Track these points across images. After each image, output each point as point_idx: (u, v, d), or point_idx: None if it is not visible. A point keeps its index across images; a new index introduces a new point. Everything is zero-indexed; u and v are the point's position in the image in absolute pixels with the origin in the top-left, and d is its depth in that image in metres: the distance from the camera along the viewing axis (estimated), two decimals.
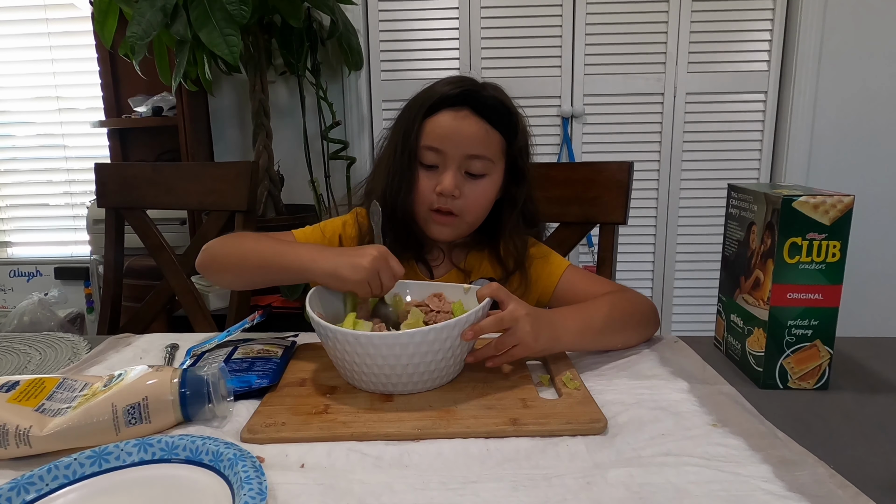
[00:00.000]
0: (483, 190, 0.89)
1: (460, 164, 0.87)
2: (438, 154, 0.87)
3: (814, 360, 0.69)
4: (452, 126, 0.86)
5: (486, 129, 0.87)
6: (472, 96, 0.87)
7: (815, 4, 2.10)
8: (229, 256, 0.86)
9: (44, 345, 0.89)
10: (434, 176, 0.88)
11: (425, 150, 0.88)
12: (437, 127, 0.87)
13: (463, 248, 0.97)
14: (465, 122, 0.86)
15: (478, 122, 0.87)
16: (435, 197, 0.88)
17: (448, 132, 0.86)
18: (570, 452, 0.56)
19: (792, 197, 0.65)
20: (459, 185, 0.87)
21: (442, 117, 0.87)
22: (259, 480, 0.48)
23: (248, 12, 1.59)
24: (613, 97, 2.23)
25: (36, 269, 2.66)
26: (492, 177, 0.90)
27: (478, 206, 0.90)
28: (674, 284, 2.34)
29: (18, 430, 0.55)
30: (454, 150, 0.86)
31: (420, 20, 2.23)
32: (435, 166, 0.88)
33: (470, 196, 0.88)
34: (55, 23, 2.53)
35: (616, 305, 0.82)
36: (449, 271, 0.96)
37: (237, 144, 2.39)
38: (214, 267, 0.87)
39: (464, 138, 0.86)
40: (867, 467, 0.53)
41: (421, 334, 0.63)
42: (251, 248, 0.85)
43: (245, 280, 0.89)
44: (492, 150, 0.88)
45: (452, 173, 0.86)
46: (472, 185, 0.88)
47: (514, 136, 0.91)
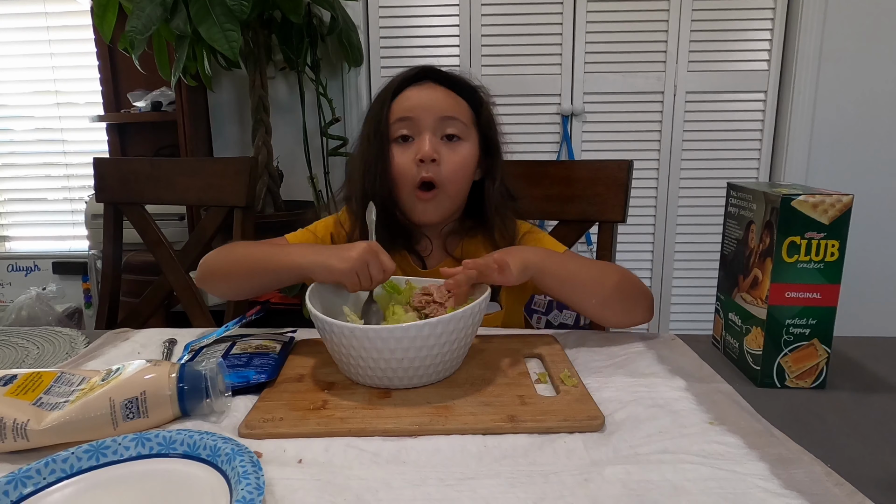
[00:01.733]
0: (462, 156, 0.89)
1: (435, 129, 0.88)
2: (410, 123, 0.88)
3: (811, 359, 0.69)
4: (420, 95, 0.89)
5: (452, 94, 0.90)
6: (432, 71, 0.91)
7: (816, 4, 2.10)
8: (224, 266, 0.88)
9: (42, 339, 0.89)
10: (409, 148, 0.88)
11: (396, 124, 0.88)
12: (404, 100, 0.89)
13: (455, 236, 0.96)
14: (431, 89, 0.89)
15: (443, 89, 0.90)
16: (416, 169, 0.87)
17: (416, 101, 0.88)
18: (567, 449, 0.56)
19: (791, 196, 0.66)
20: (437, 149, 0.87)
21: (408, 91, 0.90)
22: (257, 475, 0.48)
23: (248, 7, 1.59)
24: (613, 95, 2.23)
25: (34, 263, 2.66)
26: (468, 143, 0.90)
27: (458, 173, 0.89)
28: (672, 283, 2.34)
29: (16, 423, 0.55)
30: (425, 114, 0.87)
31: (420, 17, 2.22)
32: (409, 137, 0.89)
33: (449, 161, 0.88)
34: (54, 17, 2.52)
35: (596, 264, 0.83)
36: (442, 261, 0.95)
37: (236, 140, 2.38)
38: (212, 279, 0.89)
39: (433, 102, 0.88)
40: (863, 466, 0.53)
41: (416, 328, 0.63)
42: (244, 255, 0.87)
43: (243, 287, 0.90)
44: (462, 114, 0.90)
45: (429, 136, 0.87)
46: (451, 150, 0.88)
47: (479, 104, 0.92)
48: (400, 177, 0.89)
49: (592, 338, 0.85)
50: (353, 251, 0.74)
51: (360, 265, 0.74)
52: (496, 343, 0.80)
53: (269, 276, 0.84)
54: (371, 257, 0.74)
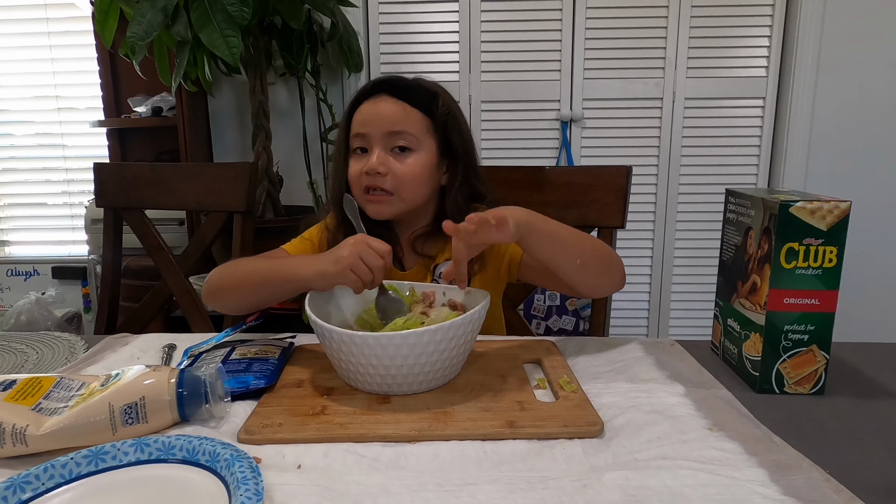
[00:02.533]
0: (411, 165, 0.92)
1: (384, 143, 0.91)
2: (364, 138, 0.92)
3: (810, 364, 0.69)
4: (370, 110, 0.92)
5: (402, 106, 0.92)
6: (387, 82, 0.94)
7: (814, 11, 2.11)
8: (230, 282, 0.89)
9: (41, 344, 0.89)
10: (362, 159, 0.93)
11: (353, 138, 0.94)
12: (359, 114, 0.93)
13: (429, 239, 0.97)
14: (381, 103, 0.92)
15: (394, 102, 0.92)
16: (364, 178, 0.91)
17: (368, 116, 0.92)
18: (566, 455, 0.56)
19: (789, 202, 0.66)
20: (384, 162, 0.91)
21: (363, 106, 0.93)
22: (256, 481, 0.48)
23: (248, 13, 1.60)
24: (612, 101, 2.23)
25: (33, 268, 2.66)
26: (419, 153, 0.92)
27: (409, 180, 0.92)
28: (671, 288, 2.35)
29: (15, 428, 0.55)
30: (375, 130, 0.91)
31: (420, 23, 2.23)
32: (364, 150, 0.93)
33: (398, 172, 0.91)
34: (55, 22, 2.53)
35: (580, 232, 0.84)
36: (417, 262, 0.97)
37: (236, 145, 2.39)
38: (219, 295, 0.90)
39: (382, 118, 0.91)
40: (862, 472, 0.53)
41: (415, 335, 0.63)
42: (248, 270, 0.88)
43: (249, 301, 0.90)
44: (413, 126, 0.92)
45: (377, 152, 0.91)
46: (399, 161, 0.91)
47: (433, 111, 0.94)
48: (353, 184, 0.94)
49: (592, 343, 0.85)
50: (343, 250, 0.75)
51: (353, 261, 0.74)
52: (495, 349, 0.80)
53: (275, 288, 0.85)
54: (361, 248, 0.75)
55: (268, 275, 0.85)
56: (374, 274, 0.75)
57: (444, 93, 0.96)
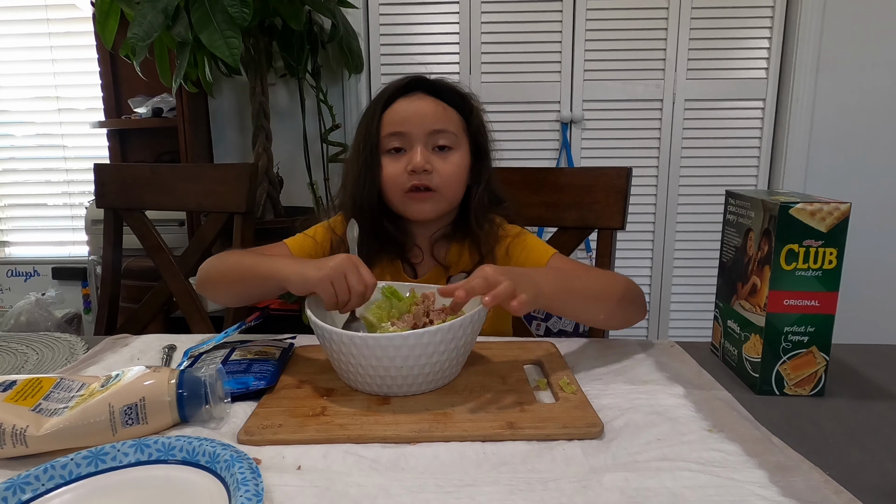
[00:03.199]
0: (454, 163, 0.91)
1: (426, 141, 0.90)
2: (402, 137, 0.90)
3: (810, 366, 0.69)
4: (410, 108, 0.90)
5: (442, 105, 0.91)
6: (422, 81, 0.92)
7: (814, 12, 2.11)
8: (217, 274, 0.89)
9: (41, 345, 0.89)
10: (401, 159, 0.90)
11: (388, 138, 0.91)
12: (395, 114, 0.91)
13: (443, 242, 0.96)
14: (421, 101, 0.91)
15: (433, 101, 0.91)
16: (407, 177, 0.89)
17: (407, 114, 0.90)
18: (566, 456, 0.56)
19: (789, 204, 0.66)
20: (429, 160, 0.89)
21: (398, 104, 0.91)
22: (255, 482, 0.48)
23: (249, 15, 1.60)
24: (612, 103, 2.24)
25: (33, 268, 2.66)
26: (459, 151, 0.92)
27: (452, 179, 0.91)
28: (671, 290, 2.35)
29: (15, 429, 0.55)
30: (416, 128, 0.89)
31: (420, 24, 2.23)
32: (401, 150, 0.91)
33: (442, 170, 0.90)
34: (56, 23, 2.53)
35: (602, 279, 0.82)
36: (432, 269, 0.96)
37: (237, 146, 2.39)
38: (207, 285, 0.90)
39: (424, 116, 0.90)
40: (862, 474, 0.53)
41: (415, 336, 0.63)
42: (234, 263, 0.87)
43: (234, 294, 0.90)
44: (452, 125, 0.91)
45: (420, 149, 0.89)
46: (442, 160, 0.90)
47: (469, 112, 0.94)
48: (391, 185, 0.91)
49: (592, 345, 0.85)
50: (332, 261, 0.72)
51: (337, 275, 0.70)
52: (495, 350, 0.80)
53: (256, 284, 0.83)
54: (349, 267, 0.71)
55: (250, 270, 0.83)
56: (351, 296, 0.71)
57: (472, 94, 0.96)
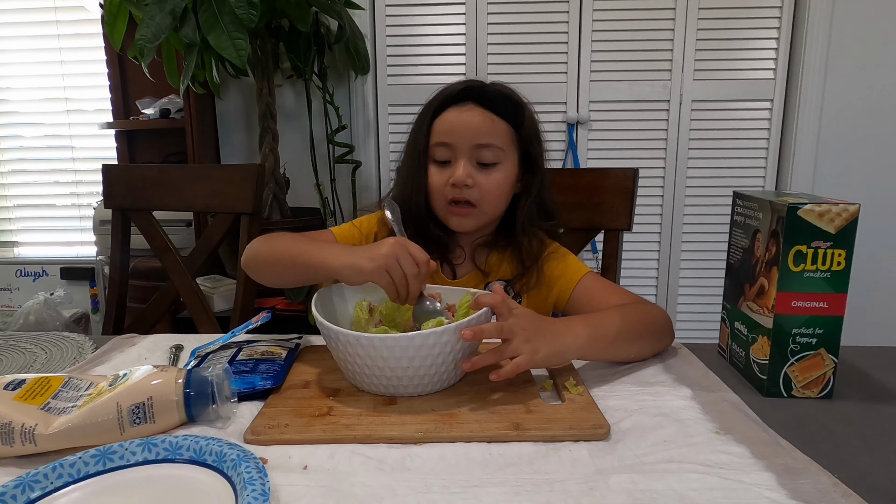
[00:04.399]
0: (496, 179, 0.91)
1: (471, 155, 0.89)
2: (448, 148, 0.90)
3: (818, 368, 0.69)
4: (458, 119, 0.90)
5: (491, 118, 0.90)
6: (474, 90, 0.91)
7: (822, 12, 2.10)
8: (266, 256, 0.90)
9: (49, 344, 0.90)
10: (446, 171, 0.91)
11: (435, 147, 0.91)
12: (443, 123, 0.91)
13: (485, 248, 0.97)
14: (469, 113, 0.90)
15: (482, 113, 0.90)
16: (449, 189, 0.90)
17: (454, 125, 0.90)
18: (572, 458, 0.56)
19: (797, 205, 0.65)
20: (472, 175, 0.89)
21: (448, 113, 0.91)
22: (262, 482, 0.48)
23: (256, 16, 1.60)
24: (619, 104, 2.23)
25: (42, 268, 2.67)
26: (504, 165, 0.91)
27: (493, 195, 0.91)
28: (678, 291, 2.34)
29: (24, 428, 0.55)
30: (462, 141, 0.89)
31: (427, 25, 2.24)
32: (447, 161, 0.91)
33: (484, 185, 0.90)
34: (65, 25, 2.55)
35: (629, 316, 0.80)
36: (470, 272, 0.96)
37: (243, 147, 2.40)
38: (255, 267, 0.91)
39: (470, 129, 0.89)
40: (871, 477, 0.53)
41: (421, 337, 0.63)
42: (283, 248, 0.87)
43: (283, 278, 0.91)
44: (500, 139, 0.90)
45: (463, 163, 0.89)
46: (485, 175, 0.90)
47: (520, 123, 0.92)
48: (435, 194, 0.92)
49: None
50: (382, 248, 0.72)
51: (391, 262, 0.70)
52: None
53: (304, 271, 0.83)
54: (400, 251, 0.71)
55: (300, 257, 0.83)
56: (409, 281, 0.71)
57: (526, 103, 0.95)
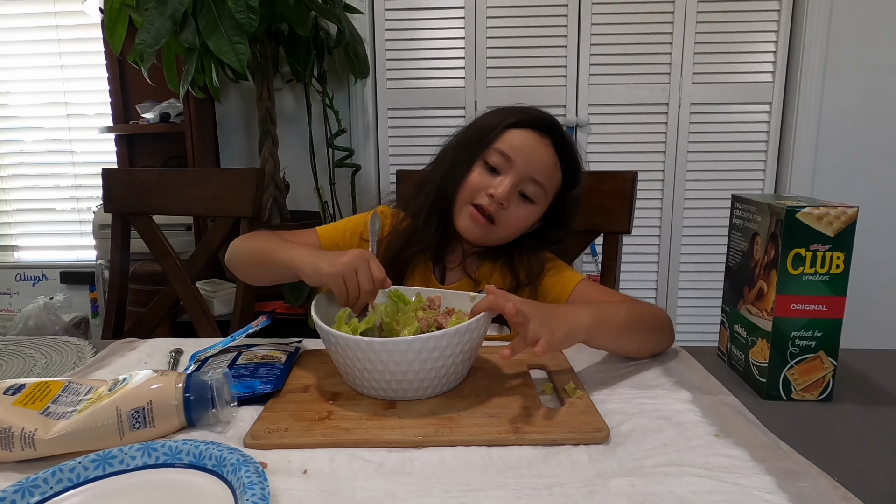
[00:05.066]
0: (526, 214, 0.92)
1: (520, 181, 0.90)
2: (506, 161, 0.90)
3: (817, 371, 0.69)
4: (532, 144, 0.90)
5: (556, 162, 0.91)
6: (557, 130, 0.92)
7: (820, 16, 2.11)
8: (243, 253, 0.93)
9: (49, 348, 0.90)
10: (490, 179, 0.90)
11: (495, 152, 0.90)
12: (515, 138, 0.90)
13: (476, 258, 0.97)
14: (543, 146, 0.90)
15: (553, 154, 0.91)
16: (482, 195, 0.90)
17: (525, 146, 0.90)
18: (572, 461, 0.56)
19: (796, 208, 0.66)
20: (510, 198, 0.89)
21: (525, 132, 0.91)
22: (262, 486, 0.48)
23: (256, 21, 1.61)
24: (618, 107, 2.24)
25: (42, 273, 2.67)
26: (536, 207, 0.92)
27: (515, 225, 0.92)
28: (677, 294, 2.34)
29: (23, 432, 0.55)
30: (522, 165, 0.89)
31: (426, 29, 2.24)
32: (496, 172, 0.90)
33: (512, 213, 0.90)
34: (65, 30, 2.55)
35: (633, 308, 0.81)
36: (461, 279, 0.96)
37: (243, 151, 2.40)
38: (234, 263, 0.94)
39: (536, 159, 0.90)
40: (870, 480, 0.53)
41: (421, 341, 0.63)
42: (257, 246, 0.91)
43: (258, 275, 0.94)
44: (550, 184, 0.92)
45: (510, 183, 0.89)
46: (519, 206, 0.91)
47: (572, 185, 0.94)
48: (466, 188, 0.91)
49: (598, 350, 0.85)
50: (345, 256, 0.74)
51: (348, 270, 0.73)
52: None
53: (274, 269, 0.86)
54: (361, 263, 0.73)
55: (271, 254, 0.86)
56: (361, 293, 0.73)
57: (584, 172, 0.96)
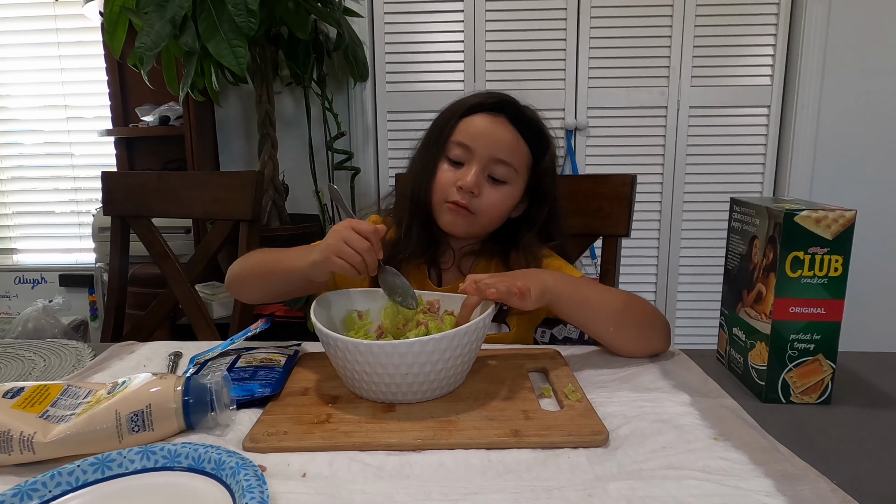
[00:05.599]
0: (501, 196, 0.91)
1: (485, 166, 0.89)
2: (466, 151, 0.89)
3: (816, 374, 0.69)
4: (487, 127, 0.89)
5: (517, 138, 0.90)
6: (510, 106, 0.91)
7: (819, 19, 2.11)
8: (242, 273, 0.91)
9: (48, 352, 0.90)
10: (457, 172, 0.90)
11: (455, 145, 0.90)
12: (471, 125, 0.90)
13: (472, 256, 0.97)
14: (499, 126, 0.89)
15: (511, 130, 0.90)
16: (453, 190, 0.89)
17: (481, 131, 0.89)
18: (571, 464, 0.56)
19: (794, 211, 0.66)
20: (480, 185, 0.89)
21: (478, 118, 0.90)
22: (261, 489, 0.48)
23: (255, 24, 1.61)
24: (617, 110, 2.24)
25: (41, 275, 2.67)
26: (511, 186, 0.91)
27: (493, 210, 0.91)
28: (676, 297, 2.34)
29: (22, 436, 0.55)
30: (483, 149, 0.89)
31: (426, 33, 2.25)
32: (460, 163, 0.90)
33: (487, 198, 0.90)
34: (64, 33, 2.56)
35: (621, 295, 0.81)
36: (457, 279, 0.96)
37: (243, 154, 2.40)
38: (235, 285, 0.92)
39: (495, 140, 0.89)
40: (869, 483, 0.53)
41: (420, 343, 0.63)
42: (257, 262, 0.89)
43: (263, 291, 0.92)
44: (517, 160, 0.90)
45: (476, 171, 0.88)
46: (492, 189, 0.90)
47: (542, 154, 0.93)
48: (437, 190, 0.92)
49: (596, 353, 0.85)
50: (328, 238, 0.74)
51: (338, 246, 0.72)
52: (500, 358, 0.80)
53: (280, 282, 0.86)
54: (344, 232, 0.72)
55: (272, 267, 0.85)
56: (364, 256, 0.73)
57: (552, 138, 0.95)
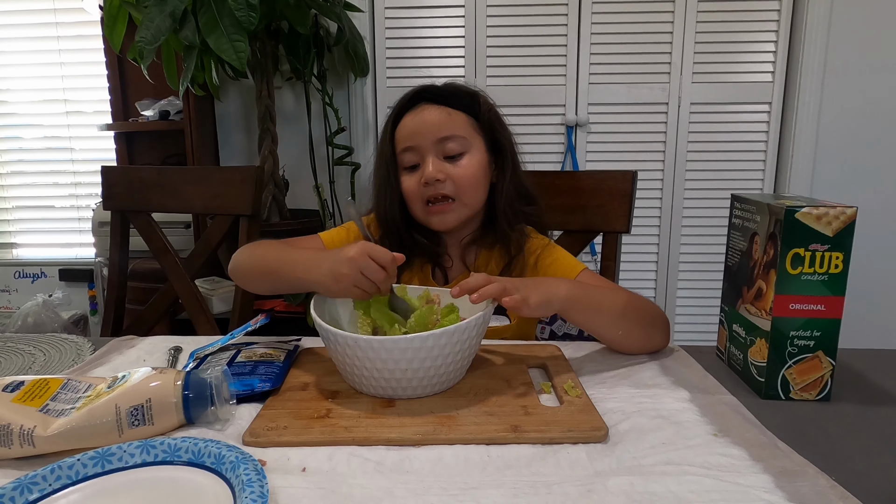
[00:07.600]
0: (467, 167, 0.91)
1: (436, 151, 0.91)
2: (414, 152, 0.91)
3: (816, 371, 0.69)
4: (415, 121, 0.91)
5: (446, 111, 0.91)
6: (425, 92, 0.93)
7: (820, 15, 2.11)
8: (246, 264, 0.91)
9: (48, 346, 0.90)
10: (416, 173, 0.92)
11: (402, 154, 0.93)
12: (403, 129, 0.92)
13: (472, 247, 0.97)
14: (425, 112, 0.91)
15: (437, 108, 0.91)
16: (423, 189, 0.90)
17: (413, 127, 0.91)
18: (570, 460, 0.56)
19: (795, 208, 0.66)
20: (441, 169, 0.90)
21: (405, 119, 0.93)
22: (260, 483, 0.48)
23: (255, 18, 1.61)
24: (618, 106, 2.24)
25: (41, 270, 2.67)
26: (471, 153, 0.92)
27: (468, 182, 0.91)
28: (676, 294, 2.34)
29: (22, 430, 0.55)
30: (424, 140, 0.90)
31: (426, 28, 2.24)
32: (416, 166, 0.92)
33: (456, 175, 0.90)
34: (64, 27, 2.55)
35: (624, 296, 0.81)
36: (462, 272, 0.97)
37: (243, 149, 2.40)
38: (238, 273, 0.92)
39: (429, 126, 0.90)
40: (868, 479, 0.53)
41: (420, 339, 0.63)
42: (263, 256, 0.89)
43: (263, 288, 0.92)
44: (460, 128, 0.92)
45: (431, 160, 0.90)
46: (455, 166, 0.91)
47: (477, 111, 0.94)
48: (411, 200, 0.93)
49: (596, 349, 0.85)
50: (343, 267, 0.72)
51: (356, 277, 0.71)
52: (500, 353, 0.80)
53: (283, 282, 0.85)
54: (363, 262, 0.71)
55: (278, 266, 0.85)
56: (379, 286, 0.73)
57: (479, 92, 0.96)
